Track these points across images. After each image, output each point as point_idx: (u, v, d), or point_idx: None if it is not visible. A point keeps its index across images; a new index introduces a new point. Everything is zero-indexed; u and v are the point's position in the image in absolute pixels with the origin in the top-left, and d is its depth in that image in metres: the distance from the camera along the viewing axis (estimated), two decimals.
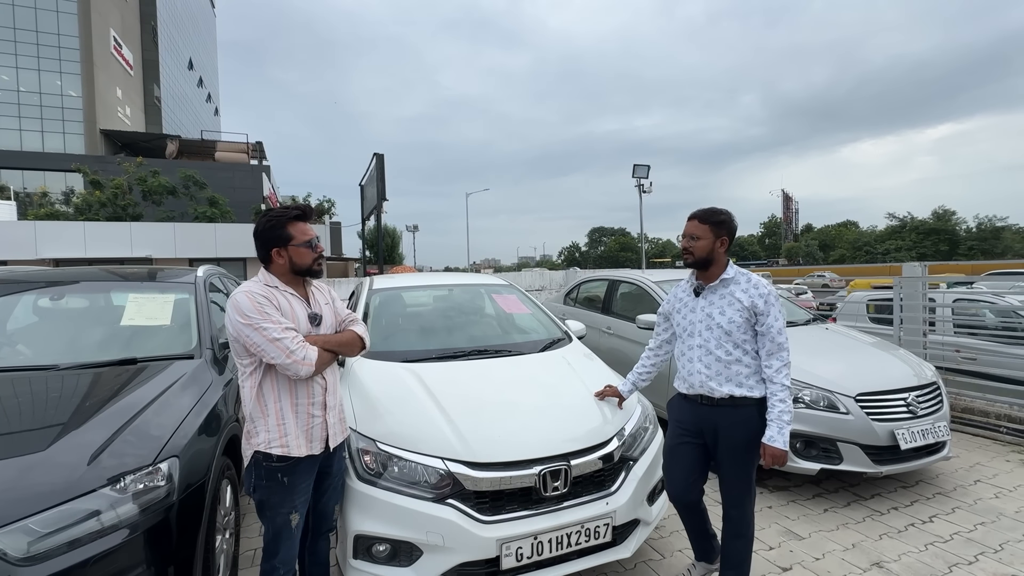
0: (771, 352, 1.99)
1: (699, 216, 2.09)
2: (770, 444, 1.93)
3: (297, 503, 1.81)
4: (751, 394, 2.02)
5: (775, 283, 5.57)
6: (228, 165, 32.23)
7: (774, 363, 1.98)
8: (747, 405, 2.02)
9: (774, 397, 1.96)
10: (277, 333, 1.71)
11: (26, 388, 2.18)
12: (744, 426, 2.02)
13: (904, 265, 5.22)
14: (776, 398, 1.96)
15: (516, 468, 2.04)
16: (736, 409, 2.04)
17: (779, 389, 1.96)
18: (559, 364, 2.87)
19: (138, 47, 43.37)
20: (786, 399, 1.95)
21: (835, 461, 3.11)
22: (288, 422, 1.79)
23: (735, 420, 2.04)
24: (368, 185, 15.48)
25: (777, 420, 1.94)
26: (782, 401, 1.95)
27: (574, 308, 5.95)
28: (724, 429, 2.06)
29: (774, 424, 1.94)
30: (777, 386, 1.96)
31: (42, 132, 34.93)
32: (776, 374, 1.97)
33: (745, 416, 2.02)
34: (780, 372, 1.97)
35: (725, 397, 2.04)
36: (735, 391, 2.03)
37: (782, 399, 1.95)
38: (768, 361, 2.00)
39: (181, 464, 1.89)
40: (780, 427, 1.93)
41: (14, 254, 16.74)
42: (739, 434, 2.03)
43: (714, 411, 2.08)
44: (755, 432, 1.99)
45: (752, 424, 2.00)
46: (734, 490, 2.10)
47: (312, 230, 1.93)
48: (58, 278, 2.96)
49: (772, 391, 1.97)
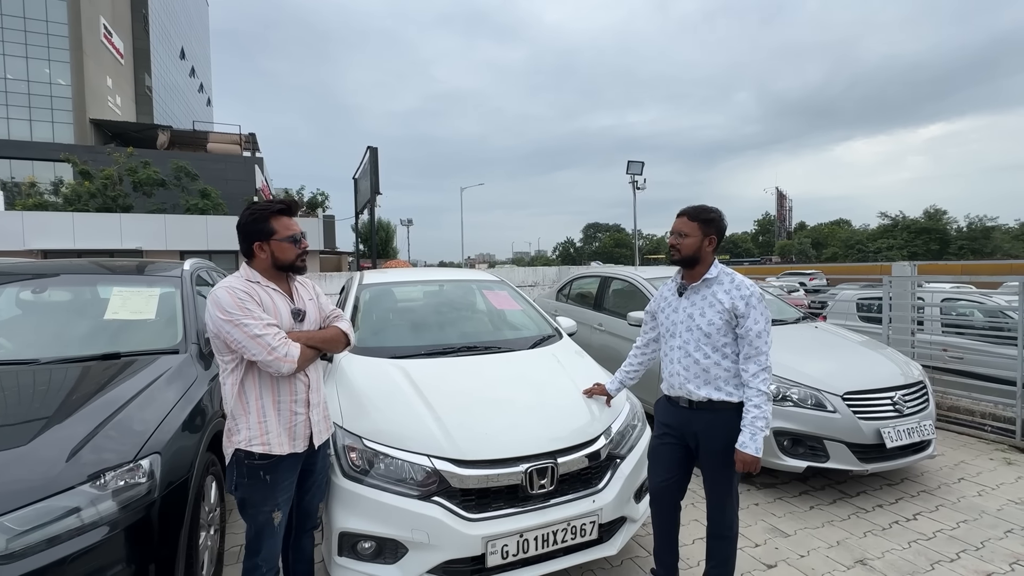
0: (748, 356, 1.94)
1: (688, 213, 2.05)
2: (742, 450, 1.89)
3: (279, 501, 1.79)
4: (730, 399, 1.99)
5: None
6: (220, 157, 31.87)
7: (751, 367, 1.93)
8: (726, 410, 1.99)
9: (749, 402, 1.92)
10: (258, 329, 1.68)
11: (5, 382, 2.15)
12: (722, 430, 1.99)
13: (894, 265, 5.25)
14: (751, 403, 1.92)
15: (503, 466, 2.03)
16: (715, 413, 2.01)
17: (755, 394, 1.91)
18: (548, 361, 2.87)
19: (129, 36, 42.71)
20: (761, 405, 1.90)
21: (822, 459, 3.14)
22: (270, 420, 1.77)
23: (713, 424, 2.01)
24: (362, 178, 15.36)
25: (750, 426, 1.90)
26: (756, 407, 1.90)
27: (566, 304, 5.95)
28: (703, 433, 2.04)
29: (747, 430, 1.90)
30: (753, 391, 1.92)
31: (30, 121, 34.35)
32: (752, 378, 1.92)
33: (723, 420, 1.99)
34: (756, 377, 1.92)
35: (703, 400, 2.02)
36: (713, 395, 2.00)
37: (756, 404, 1.90)
38: (745, 365, 1.95)
39: (163, 461, 1.87)
40: (753, 433, 1.89)
41: (2, 245, 16.50)
42: (718, 438, 2.00)
43: (694, 414, 2.06)
44: (734, 437, 1.95)
45: (731, 429, 1.96)
46: (715, 492, 2.09)
47: (297, 225, 1.91)
48: (41, 270, 2.92)
49: (747, 396, 1.93)
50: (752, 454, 1.88)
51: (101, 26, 37.12)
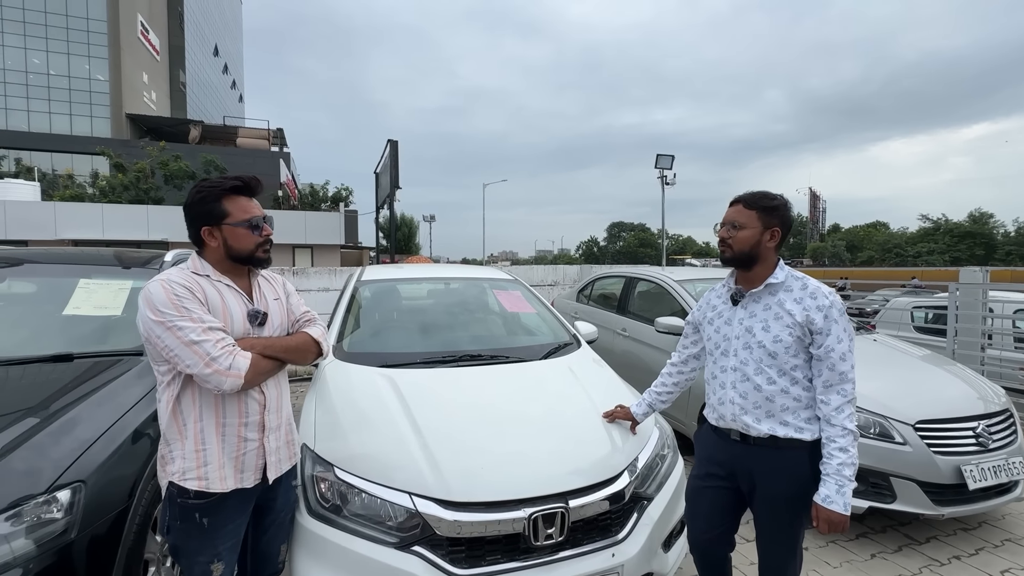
0: (829, 384, 1.52)
1: (744, 200, 1.64)
2: (826, 506, 1.47)
3: (220, 550, 1.44)
4: (800, 436, 1.56)
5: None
6: (249, 151, 32.32)
7: (833, 399, 1.51)
8: (794, 448, 1.57)
9: (832, 444, 1.50)
10: (196, 335, 1.34)
11: None
12: (789, 475, 1.57)
13: (962, 270, 4.64)
14: (835, 445, 1.49)
15: (500, 509, 1.64)
16: (779, 452, 1.58)
17: (839, 434, 1.49)
18: (563, 376, 2.46)
19: (165, 33, 43.76)
20: (848, 448, 1.48)
21: (887, 499, 2.65)
22: (210, 448, 1.42)
23: (777, 467, 1.59)
24: (383, 173, 15.14)
25: (836, 475, 1.47)
26: (842, 450, 1.48)
27: (587, 306, 5.52)
28: (762, 477, 1.61)
29: (831, 480, 1.48)
30: (837, 429, 1.49)
31: (70, 115, 35.51)
32: (836, 413, 1.50)
33: (791, 462, 1.57)
34: (842, 411, 1.50)
35: (764, 436, 1.59)
36: (778, 430, 1.57)
37: (842, 447, 1.48)
38: (826, 395, 1.53)
39: (89, 491, 1.54)
40: (840, 484, 1.46)
41: (35, 234, 16.96)
42: (781, 485, 1.58)
43: (750, 452, 1.63)
44: (803, 484, 1.54)
45: (800, 474, 1.55)
46: (772, 552, 1.67)
47: (256, 207, 1.56)
48: (6, 257, 2.65)
49: (830, 435, 1.51)
50: (840, 511, 1.45)
51: (138, 23, 38.11)
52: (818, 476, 1.52)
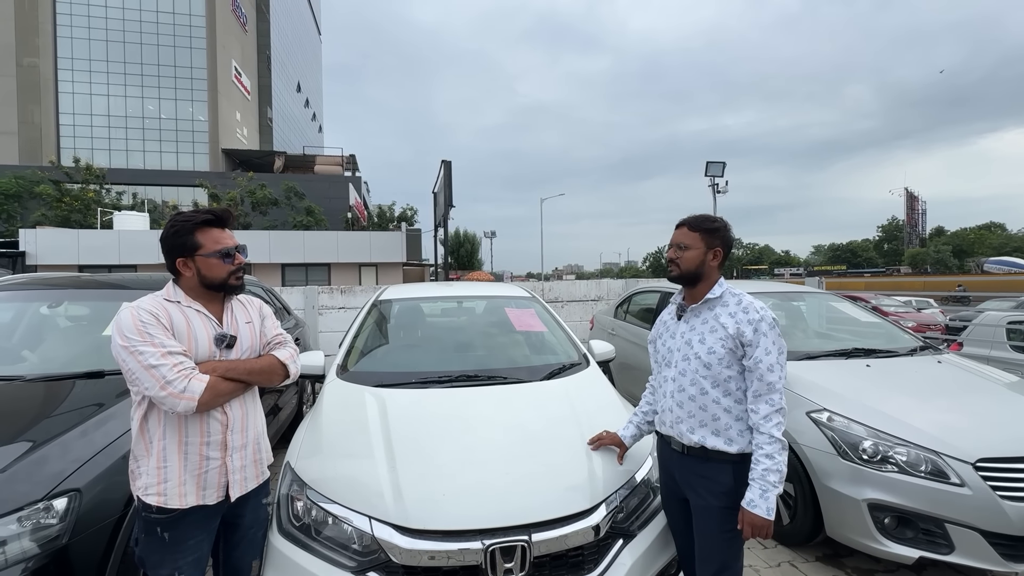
0: (758, 394, 1.62)
1: (689, 223, 1.78)
2: (750, 510, 1.56)
3: (181, 564, 1.51)
4: (727, 448, 1.65)
5: (855, 298, 4.56)
6: (325, 177, 34.85)
7: (761, 407, 1.60)
8: (721, 460, 1.66)
9: (759, 451, 1.59)
10: (155, 359, 1.43)
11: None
12: (714, 484, 1.66)
13: None
14: (761, 452, 1.58)
15: (455, 540, 1.59)
16: (708, 463, 1.68)
17: (766, 441, 1.58)
18: (557, 399, 2.37)
19: (255, 74, 48.55)
20: (774, 455, 1.57)
21: (943, 550, 2.28)
22: (171, 466, 1.50)
23: (704, 475, 1.68)
24: (440, 192, 15.69)
25: (760, 480, 1.56)
26: (768, 457, 1.57)
27: (624, 322, 5.33)
28: (694, 486, 1.71)
29: (756, 485, 1.57)
30: (764, 437, 1.59)
31: (177, 153, 40.27)
32: (764, 422, 1.59)
33: (716, 472, 1.67)
34: (769, 420, 1.59)
35: (695, 446, 1.70)
36: (708, 440, 1.67)
37: (768, 454, 1.57)
38: (755, 405, 1.62)
39: (84, 499, 1.69)
40: (764, 489, 1.55)
41: (144, 259, 19.16)
42: (711, 495, 1.66)
43: (684, 460, 1.74)
44: (727, 495, 1.64)
45: (723, 482, 1.65)
46: (706, 564, 1.68)
47: (230, 237, 1.65)
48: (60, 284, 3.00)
49: (758, 443, 1.60)
50: (763, 516, 1.54)
51: (232, 68, 42.60)
52: (743, 488, 1.60)
